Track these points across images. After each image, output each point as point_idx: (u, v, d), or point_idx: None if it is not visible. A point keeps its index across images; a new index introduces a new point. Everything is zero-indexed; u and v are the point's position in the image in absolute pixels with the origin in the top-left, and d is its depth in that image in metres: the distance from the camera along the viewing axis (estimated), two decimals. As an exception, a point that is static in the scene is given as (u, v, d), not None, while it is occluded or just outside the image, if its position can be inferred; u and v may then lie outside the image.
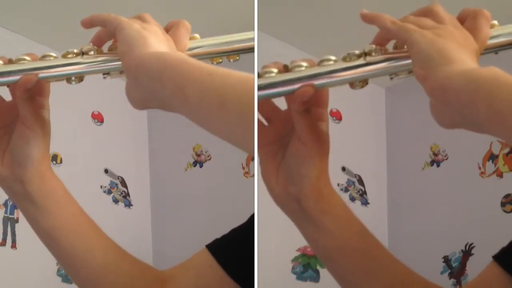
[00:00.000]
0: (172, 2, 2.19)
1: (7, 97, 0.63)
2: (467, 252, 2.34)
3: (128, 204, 2.76)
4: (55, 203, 0.63)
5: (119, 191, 2.72)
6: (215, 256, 0.69)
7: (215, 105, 0.47)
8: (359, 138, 2.71)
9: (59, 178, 0.64)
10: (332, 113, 2.60)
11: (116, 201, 2.71)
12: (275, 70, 0.54)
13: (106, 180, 2.68)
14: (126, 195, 2.75)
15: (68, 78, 0.60)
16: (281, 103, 0.58)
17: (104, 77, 0.63)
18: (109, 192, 2.69)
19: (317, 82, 0.54)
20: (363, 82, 0.57)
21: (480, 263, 0.67)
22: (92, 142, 2.64)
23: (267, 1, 1.97)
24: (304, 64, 0.55)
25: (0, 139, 0.62)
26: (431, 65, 0.51)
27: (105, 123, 2.69)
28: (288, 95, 0.55)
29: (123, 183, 2.74)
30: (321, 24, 2.34)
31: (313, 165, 0.56)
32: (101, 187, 2.66)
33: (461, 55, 0.51)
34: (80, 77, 0.61)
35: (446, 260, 2.41)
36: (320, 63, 0.56)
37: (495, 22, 0.58)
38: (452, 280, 2.38)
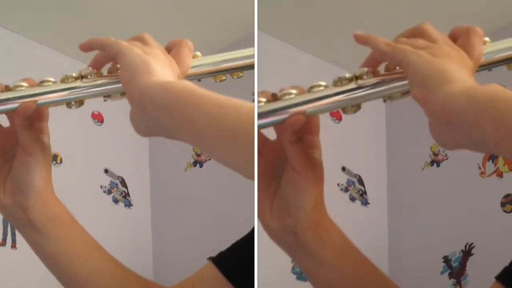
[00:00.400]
0: (172, 2, 2.19)
1: (5, 122, 0.61)
2: (467, 252, 2.34)
3: (128, 204, 2.76)
4: (59, 229, 0.62)
5: (119, 191, 2.72)
6: (221, 269, 0.68)
7: (228, 140, 0.46)
8: (359, 138, 2.71)
9: (62, 203, 0.63)
10: (332, 113, 2.59)
11: (116, 201, 2.71)
12: (263, 100, 0.53)
13: (106, 180, 2.68)
14: (126, 195, 2.75)
15: (68, 102, 0.59)
16: (269, 132, 0.56)
17: (105, 100, 0.61)
18: (109, 192, 2.69)
19: (308, 109, 0.53)
20: (356, 106, 0.55)
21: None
22: (92, 142, 2.64)
23: (267, 1, 1.97)
24: (294, 91, 0.53)
25: (0, 167, 0.61)
26: (430, 86, 0.49)
27: (105, 123, 2.69)
28: (277, 125, 0.53)
29: (123, 183, 2.74)
30: (321, 24, 2.34)
31: (309, 195, 0.55)
32: (101, 187, 2.67)
33: (460, 74, 0.50)
34: (80, 101, 0.60)
35: (446, 260, 2.41)
36: (310, 89, 0.54)
37: (487, 38, 0.58)
38: (452, 280, 2.38)
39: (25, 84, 0.58)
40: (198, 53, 0.64)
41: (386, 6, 2.16)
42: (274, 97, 0.54)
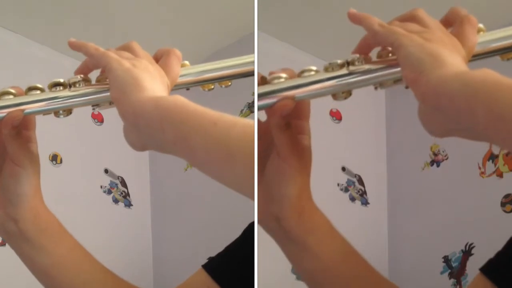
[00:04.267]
0: (172, 3, 2.19)
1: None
2: (467, 252, 2.34)
3: (128, 204, 2.75)
4: (50, 240, 0.61)
5: (119, 191, 2.72)
6: (212, 275, 0.67)
7: (223, 157, 0.45)
8: (359, 138, 2.71)
9: (52, 213, 0.62)
10: (332, 113, 2.60)
11: (116, 201, 2.71)
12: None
13: (106, 180, 2.68)
14: (126, 195, 2.75)
15: (56, 111, 0.58)
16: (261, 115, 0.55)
17: (94, 109, 0.60)
18: (109, 192, 2.69)
19: (297, 94, 0.51)
20: (346, 93, 0.53)
21: (480, 263, 0.67)
22: (92, 142, 2.64)
23: (267, 1, 1.97)
24: (283, 75, 0.52)
25: None
26: (422, 69, 0.48)
27: (105, 123, 2.69)
28: (268, 108, 0.52)
29: (123, 183, 2.74)
30: (322, 24, 2.34)
31: (294, 184, 0.54)
32: (101, 187, 2.66)
33: (453, 59, 0.49)
34: (68, 110, 0.58)
35: (446, 260, 2.41)
36: (301, 74, 0.53)
37: (481, 25, 0.57)
38: (452, 280, 2.38)
39: (12, 90, 0.57)
40: (187, 62, 0.63)
41: (387, 7, 2.16)
42: (263, 81, 0.53)
